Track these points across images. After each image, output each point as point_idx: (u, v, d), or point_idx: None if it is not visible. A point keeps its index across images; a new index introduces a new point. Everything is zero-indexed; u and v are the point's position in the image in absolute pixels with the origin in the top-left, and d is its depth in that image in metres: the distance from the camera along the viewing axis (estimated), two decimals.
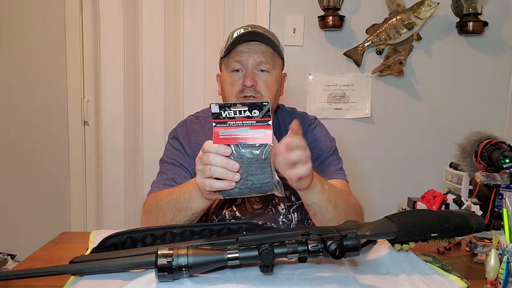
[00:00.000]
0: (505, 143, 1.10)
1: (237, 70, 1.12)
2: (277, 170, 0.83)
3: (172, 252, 0.73)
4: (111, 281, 0.77)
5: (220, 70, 1.20)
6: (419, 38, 2.08)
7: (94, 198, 2.22)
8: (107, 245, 0.84)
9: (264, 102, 0.76)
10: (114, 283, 0.76)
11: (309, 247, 0.74)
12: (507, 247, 0.76)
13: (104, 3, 2.12)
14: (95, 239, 0.97)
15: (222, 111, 0.76)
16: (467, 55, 2.14)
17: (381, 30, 2.07)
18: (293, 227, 1.15)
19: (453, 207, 1.28)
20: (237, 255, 0.73)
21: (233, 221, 1.13)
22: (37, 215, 2.23)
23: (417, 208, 1.33)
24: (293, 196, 1.16)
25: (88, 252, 0.92)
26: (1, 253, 2.16)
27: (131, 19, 2.14)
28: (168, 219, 0.96)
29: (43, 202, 2.23)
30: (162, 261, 0.72)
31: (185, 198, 0.93)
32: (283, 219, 1.15)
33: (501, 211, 0.80)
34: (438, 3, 2.00)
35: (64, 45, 2.13)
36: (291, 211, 1.16)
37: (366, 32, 2.10)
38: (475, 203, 1.21)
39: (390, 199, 2.05)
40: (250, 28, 1.12)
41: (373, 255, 0.90)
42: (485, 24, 2.04)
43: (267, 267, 0.74)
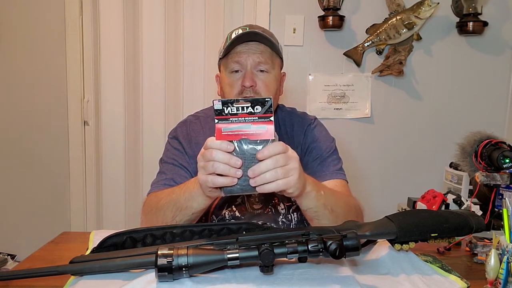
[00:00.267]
0: (505, 143, 1.10)
1: (236, 71, 1.12)
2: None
3: (172, 252, 0.73)
4: (111, 281, 0.77)
5: (219, 71, 1.20)
6: (419, 38, 2.08)
7: (94, 198, 2.22)
8: (107, 245, 0.84)
9: (266, 98, 0.76)
10: (114, 283, 0.76)
11: (309, 247, 0.74)
12: (507, 247, 0.76)
13: (104, 3, 2.12)
14: (95, 239, 0.97)
15: (225, 108, 0.76)
16: (467, 55, 2.14)
17: (381, 30, 2.07)
18: (293, 227, 1.15)
19: (453, 207, 1.28)
20: (237, 255, 0.73)
21: (233, 221, 1.13)
22: (37, 215, 2.24)
23: (417, 208, 1.33)
24: None
25: (88, 252, 0.92)
26: (1, 253, 2.16)
27: (131, 19, 2.14)
28: (168, 219, 0.96)
29: (43, 202, 2.23)
30: (162, 261, 0.72)
31: (185, 197, 0.93)
32: (282, 219, 1.15)
33: (501, 211, 0.80)
34: (438, 3, 2.00)
35: (64, 45, 2.13)
36: (290, 211, 1.15)
37: (366, 32, 2.10)
38: (475, 203, 1.21)
39: (390, 199, 2.05)
40: (248, 28, 1.12)
41: (373, 255, 0.90)
42: (485, 24, 2.04)
43: (267, 267, 0.74)
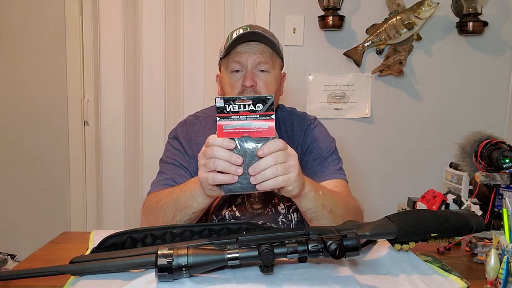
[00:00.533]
0: (505, 143, 1.10)
1: (237, 71, 1.12)
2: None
3: (172, 252, 0.73)
4: (111, 281, 0.77)
5: (220, 71, 1.20)
6: (419, 38, 2.08)
7: (94, 198, 2.22)
8: (107, 245, 0.84)
9: (268, 96, 0.77)
10: (114, 283, 0.76)
11: (309, 247, 0.74)
12: (507, 247, 0.76)
13: (104, 3, 2.12)
14: (95, 239, 0.96)
15: (227, 105, 0.77)
16: (467, 55, 2.14)
17: (381, 30, 2.07)
18: (293, 227, 1.15)
19: (453, 207, 1.28)
20: (237, 255, 0.73)
21: (233, 221, 1.13)
22: (37, 215, 2.23)
23: (417, 208, 1.33)
24: None
25: (88, 252, 0.92)
26: (1, 253, 2.16)
27: (131, 19, 2.14)
28: (169, 218, 0.96)
29: (43, 202, 2.23)
30: (162, 261, 0.72)
31: (185, 196, 0.93)
32: (282, 219, 1.15)
33: (501, 211, 0.80)
34: (438, 3, 2.00)
35: (64, 45, 2.13)
36: (290, 211, 1.15)
37: (366, 32, 2.10)
38: (475, 203, 1.21)
39: (390, 199, 2.05)
40: (249, 28, 1.12)
41: (373, 255, 0.90)
42: (485, 24, 2.04)
43: (267, 267, 0.74)
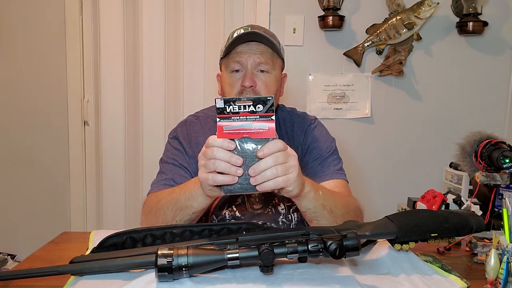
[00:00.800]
0: (505, 143, 1.10)
1: (237, 71, 1.12)
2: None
3: (172, 252, 0.73)
4: (111, 281, 0.77)
5: (220, 70, 1.20)
6: (419, 38, 2.08)
7: (94, 198, 2.22)
8: (107, 245, 0.84)
9: (268, 97, 0.77)
10: (114, 283, 0.76)
11: (309, 247, 0.74)
12: (507, 247, 0.76)
13: (104, 3, 2.12)
14: (95, 239, 0.96)
15: (227, 106, 0.77)
16: (467, 55, 2.14)
17: (381, 30, 2.07)
18: (293, 227, 1.15)
19: (453, 207, 1.28)
20: (237, 255, 0.73)
21: (233, 221, 1.13)
22: (37, 215, 2.23)
23: (417, 208, 1.33)
24: None
25: (88, 252, 0.92)
26: (1, 253, 2.16)
27: (131, 19, 2.14)
28: (169, 218, 0.96)
29: (43, 202, 2.23)
30: (162, 261, 0.72)
31: (185, 197, 0.93)
32: (283, 219, 1.15)
33: (501, 211, 0.80)
34: (438, 3, 2.00)
35: (64, 45, 2.13)
36: (291, 211, 1.15)
37: (366, 32, 2.10)
38: (475, 203, 1.21)
39: (390, 199, 2.05)
40: (250, 28, 1.12)
41: (373, 255, 0.90)
42: (485, 24, 2.04)
43: (267, 267, 0.74)
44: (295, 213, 1.15)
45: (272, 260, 0.73)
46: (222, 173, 0.78)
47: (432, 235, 0.85)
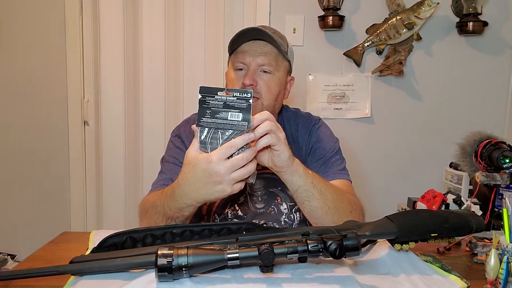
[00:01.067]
0: (505, 143, 1.10)
1: (241, 69, 1.13)
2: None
3: (172, 252, 0.73)
4: (111, 281, 0.77)
5: (227, 66, 1.21)
6: (419, 38, 2.08)
7: (94, 198, 2.22)
8: (107, 245, 0.84)
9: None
10: (114, 283, 0.76)
11: (309, 247, 0.74)
12: (507, 247, 0.76)
13: (104, 3, 2.12)
14: (95, 239, 0.96)
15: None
16: (467, 55, 2.14)
17: (381, 30, 2.07)
18: (293, 227, 1.15)
19: (453, 207, 1.28)
20: (237, 255, 0.73)
21: (236, 220, 1.13)
22: (37, 215, 2.23)
23: (417, 208, 1.33)
24: None
25: (88, 252, 0.92)
26: (1, 253, 2.16)
27: (131, 19, 2.14)
28: (161, 224, 0.96)
29: (43, 202, 2.23)
30: (162, 261, 0.72)
31: (176, 208, 0.93)
32: (285, 219, 1.15)
33: (501, 211, 0.80)
34: (438, 3, 2.00)
35: (64, 45, 2.13)
36: (293, 211, 1.16)
37: (366, 32, 2.10)
38: (475, 203, 1.21)
39: (390, 199, 2.05)
40: (260, 27, 1.13)
41: (373, 255, 0.90)
42: (485, 24, 2.04)
43: (267, 267, 0.74)
44: (297, 213, 1.15)
45: (272, 260, 0.73)
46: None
47: (432, 235, 0.85)
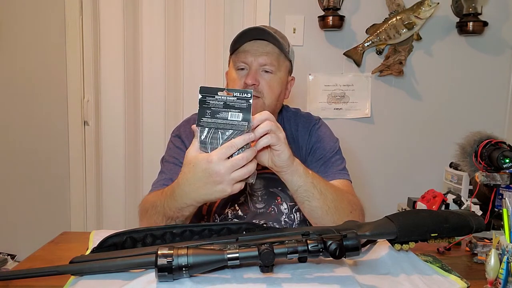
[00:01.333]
0: (505, 143, 1.10)
1: (242, 69, 1.13)
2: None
3: (172, 252, 0.73)
4: (111, 281, 0.77)
5: (228, 66, 1.21)
6: (419, 38, 2.08)
7: (94, 198, 2.22)
8: (107, 245, 0.84)
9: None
10: (114, 283, 0.76)
11: (309, 247, 0.74)
12: (507, 247, 0.76)
13: (104, 3, 2.12)
14: (95, 239, 0.96)
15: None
16: (467, 55, 2.14)
17: (381, 30, 2.07)
18: (293, 227, 1.15)
19: (453, 207, 1.28)
20: (237, 255, 0.73)
21: (236, 220, 1.13)
22: (37, 215, 2.23)
23: (417, 208, 1.33)
24: None
25: (88, 252, 0.92)
26: (1, 253, 2.16)
27: (131, 19, 2.14)
28: (161, 224, 0.96)
29: (43, 202, 2.23)
30: (162, 261, 0.72)
31: (176, 208, 0.93)
32: (285, 219, 1.15)
33: (501, 211, 0.80)
34: (438, 3, 2.00)
35: (64, 45, 2.13)
36: (293, 210, 1.16)
37: (366, 32, 2.10)
38: (475, 203, 1.21)
39: (390, 199, 2.05)
40: (262, 27, 1.13)
41: (373, 255, 0.90)
42: (485, 24, 2.04)
43: (267, 267, 0.74)
44: (297, 213, 1.15)
45: (272, 260, 0.73)
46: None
47: (432, 235, 0.85)
